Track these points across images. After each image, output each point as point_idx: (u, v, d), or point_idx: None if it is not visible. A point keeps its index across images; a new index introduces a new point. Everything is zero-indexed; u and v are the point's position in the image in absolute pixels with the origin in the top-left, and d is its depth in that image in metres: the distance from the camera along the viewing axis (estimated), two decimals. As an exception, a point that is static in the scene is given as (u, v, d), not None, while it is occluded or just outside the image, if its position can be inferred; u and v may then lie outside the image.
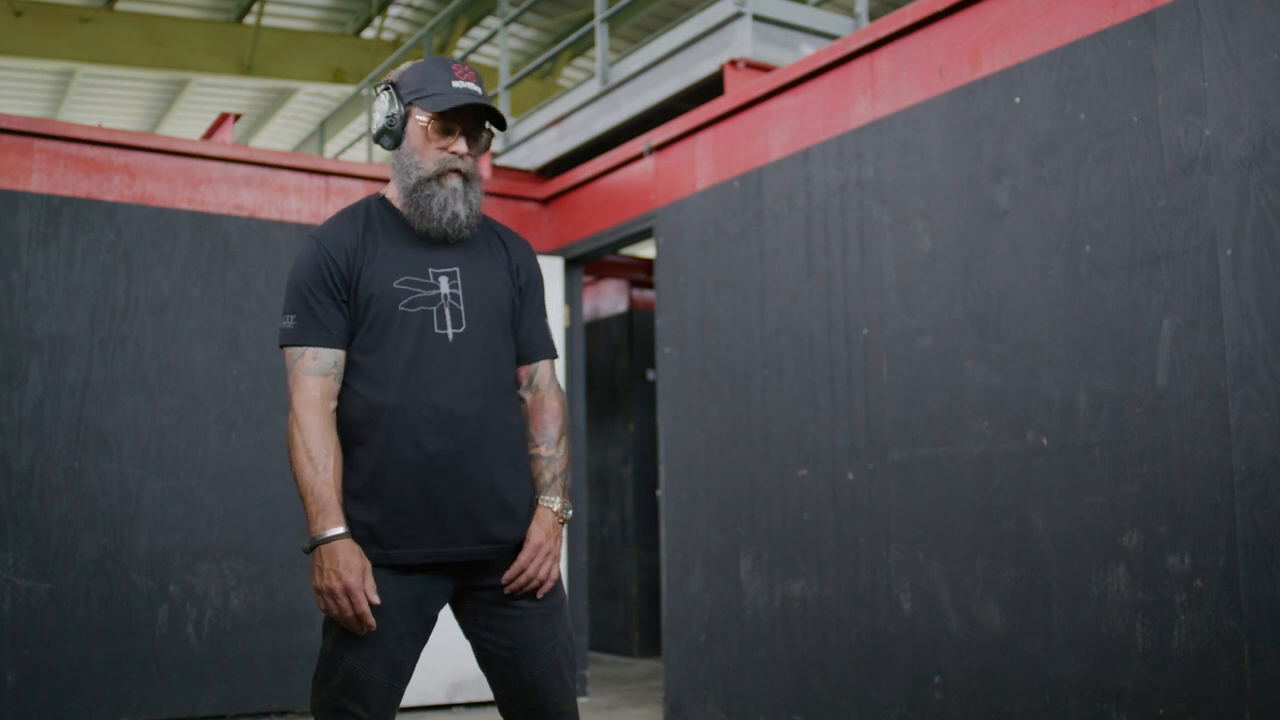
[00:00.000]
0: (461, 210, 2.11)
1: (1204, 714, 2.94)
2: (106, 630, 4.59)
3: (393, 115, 2.12)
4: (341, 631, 2.02)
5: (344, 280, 2.08)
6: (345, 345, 2.09)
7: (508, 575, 2.09)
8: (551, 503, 2.16)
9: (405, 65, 2.19)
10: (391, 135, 2.13)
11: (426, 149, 2.11)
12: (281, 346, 2.10)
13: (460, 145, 2.11)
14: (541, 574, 2.10)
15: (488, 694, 5.29)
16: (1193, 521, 2.99)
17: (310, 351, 2.07)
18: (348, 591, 1.95)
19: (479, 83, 2.13)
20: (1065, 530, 3.29)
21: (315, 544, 1.98)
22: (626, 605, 6.99)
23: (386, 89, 2.13)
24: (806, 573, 4.16)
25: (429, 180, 2.10)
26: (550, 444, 2.20)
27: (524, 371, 2.24)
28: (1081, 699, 3.21)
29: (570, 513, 2.20)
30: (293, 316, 2.09)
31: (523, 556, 2.09)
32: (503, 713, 2.15)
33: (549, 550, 2.11)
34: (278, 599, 4.95)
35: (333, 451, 2.03)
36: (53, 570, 4.52)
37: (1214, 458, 2.96)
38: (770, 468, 4.36)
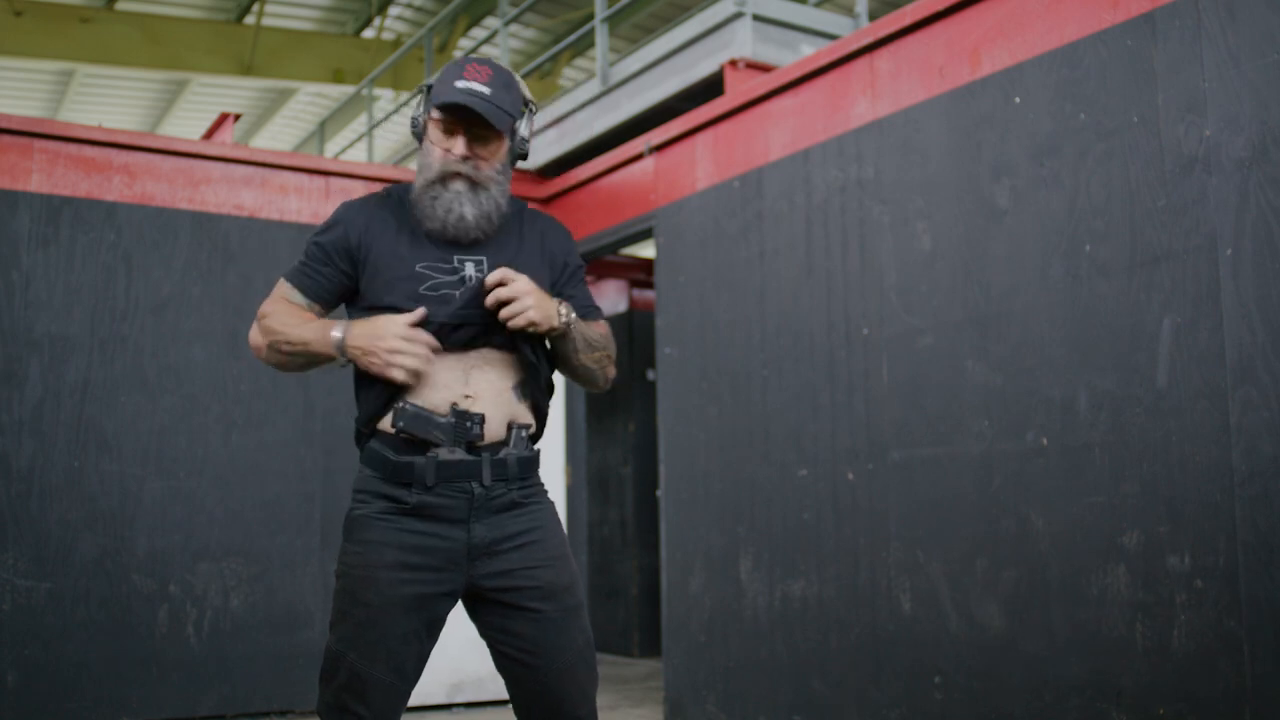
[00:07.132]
0: (469, 212, 2.06)
1: (1204, 714, 2.94)
2: (106, 630, 4.59)
3: (417, 116, 2.13)
4: (345, 630, 2.00)
5: (350, 253, 2.10)
6: (324, 304, 2.14)
7: (492, 278, 1.99)
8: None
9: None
10: (416, 134, 2.14)
11: (433, 150, 2.09)
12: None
13: (459, 146, 2.06)
14: (519, 293, 1.98)
15: (488, 694, 5.30)
16: (1193, 521, 2.99)
17: (289, 287, 2.14)
18: (397, 337, 1.97)
19: (493, 82, 2.05)
20: (1065, 530, 3.29)
21: (343, 347, 2.01)
22: (626, 605, 6.99)
23: (424, 90, 2.15)
24: (806, 573, 4.16)
25: (433, 183, 2.08)
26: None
27: None
28: (1081, 699, 3.21)
29: (567, 317, 2.07)
30: (297, 262, 2.17)
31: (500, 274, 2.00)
32: (519, 716, 2.12)
33: (530, 289, 2.00)
34: (278, 599, 4.95)
35: (303, 320, 2.08)
36: (53, 570, 4.52)
37: (1214, 458, 2.95)
38: (770, 468, 4.36)
